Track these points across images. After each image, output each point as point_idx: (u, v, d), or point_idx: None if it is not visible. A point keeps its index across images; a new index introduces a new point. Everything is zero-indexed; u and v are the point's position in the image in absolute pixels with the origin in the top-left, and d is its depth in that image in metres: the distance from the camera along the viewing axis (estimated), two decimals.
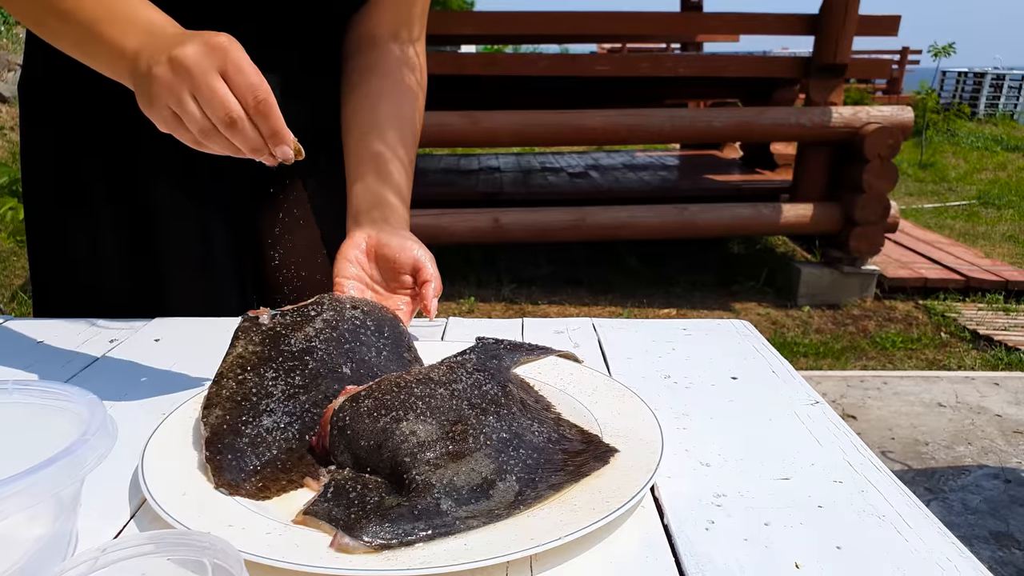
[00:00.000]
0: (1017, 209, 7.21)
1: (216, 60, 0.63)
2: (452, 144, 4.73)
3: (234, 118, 0.63)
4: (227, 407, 0.63)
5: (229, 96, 0.63)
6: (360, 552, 0.49)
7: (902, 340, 4.03)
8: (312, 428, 0.63)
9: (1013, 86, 16.43)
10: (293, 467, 0.61)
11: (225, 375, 0.66)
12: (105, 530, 0.55)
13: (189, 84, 0.63)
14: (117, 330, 0.93)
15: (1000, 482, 2.65)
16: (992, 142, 11.56)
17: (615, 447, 0.62)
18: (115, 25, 0.69)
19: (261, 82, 0.64)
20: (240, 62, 0.64)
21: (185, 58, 0.63)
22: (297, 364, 0.67)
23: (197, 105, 0.64)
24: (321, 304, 0.74)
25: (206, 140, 0.66)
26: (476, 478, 0.56)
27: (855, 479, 0.62)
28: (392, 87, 0.96)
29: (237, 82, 0.63)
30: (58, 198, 0.96)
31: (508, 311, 4.41)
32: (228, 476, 0.58)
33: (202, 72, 0.63)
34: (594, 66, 5.09)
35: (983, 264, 5.02)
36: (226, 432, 0.61)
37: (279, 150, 0.66)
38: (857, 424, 3.06)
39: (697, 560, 0.51)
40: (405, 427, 0.59)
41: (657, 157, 7.31)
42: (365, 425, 0.59)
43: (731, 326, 0.98)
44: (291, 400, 0.65)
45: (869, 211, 4.43)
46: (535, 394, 0.72)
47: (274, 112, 0.64)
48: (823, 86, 4.67)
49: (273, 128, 0.65)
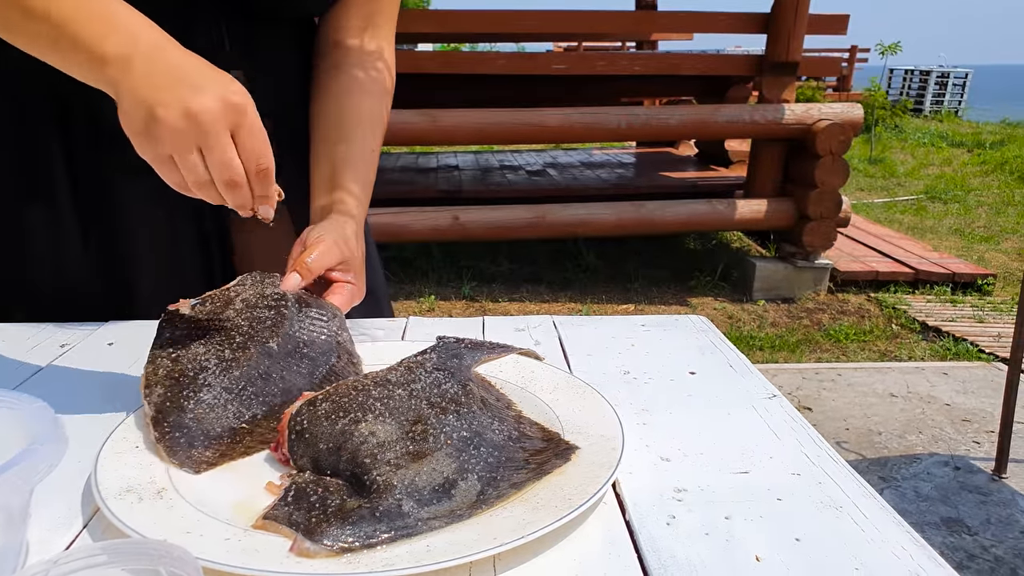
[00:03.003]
0: (962, 203, 7.41)
1: (232, 120, 0.63)
2: (411, 143, 4.70)
3: (237, 182, 0.64)
4: (167, 384, 0.65)
5: (236, 160, 0.63)
6: (321, 556, 0.49)
7: (855, 332, 4.12)
8: (250, 405, 0.65)
9: (957, 84, 16.91)
10: (243, 437, 0.63)
11: (158, 356, 0.67)
12: (56, 541, 0.53)
13: (200, 140, 0.62)
14: (69, 334, 0.91)
15: (950, 469, 2.72)
16: (938, 138, 11.88)
17: (576, 444, 0.63)
18: (90, 25, 0.64)
19: (267, 148, 0.64)
20: (254, 126, 0.64)
21: (203, 113, 0.61)
22: (225, 339, 0.69)
23: (202, 159, 0.63)
24: (243, 284, 0.77)
25: (198, 191, 0.65)
26: (437, 478, 0.55)
27: (812, 471, 0.63)
28: (359, 85, 0.96)
29: (247, 146, 0.63)
30: (18, 193, 0.93)
31: (469, 309, 4.41)
32: (181, 455, 0.60)
33: (216, 132, 0.62)
34: (551, 64, 5.10)
35: (931, 257, 5.15)
36: (170, 410, 0.63)
37: (262, 209, 0.67)
38: (813, 416, 3.12)
39: (659, 555, 0.52)
40: (364, 428, 0.58)
41: (614, 155, 7.36)
42: (323, 428, 0.59)
43: (688, 321, 0.99)
44: (226, 374, 0.66)
45: (821, 206, 4.51)
46: (496, 392, 0.72)
47: (272, 178, 0.65)
48: (776, 84, 4.75)
49: (266, 192, 0.66)
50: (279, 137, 0.97)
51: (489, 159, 7.21)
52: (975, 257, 5.47)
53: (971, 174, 9.06)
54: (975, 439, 2.95)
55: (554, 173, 6.21)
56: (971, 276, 4.83)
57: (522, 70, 4.97)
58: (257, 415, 0.65)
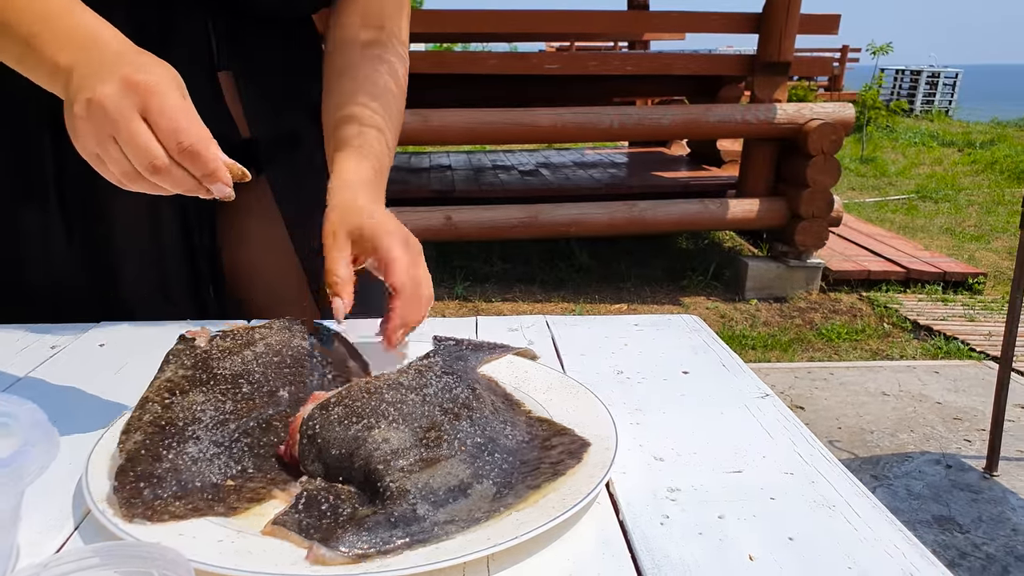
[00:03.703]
0: (953, 203, 7.44)
1: (136, 101, 0.58)
2: (403, 143, 4.67)
3: (158, 165, 0.59)
4: (148, 431, 0.59)
5: (151, 142, 0.58)
6: (337, 563, 0.48)
7: (847, 331, 4.13)
8: (239, 459, 0.59)
9: (947, 83, 16.99)
10: (226, 495, 0.56)
11: (151, 399, 0.62)
12: (47, 544, 0.53)
13: (109, 128, 0.58)
14: (59, 336, 0.90)
15: (942, 467, 2.73)
16: (928, 137, 11.93)
17: (587, 440, 0.62)
18: (53, 40, 0.64)
19: (188, 125, 0.59)
20: (163, 104, 0.59)
21: (103, 99, 0.58)
22: (230, 387, 0.64)
23: (120, 148, 0.59)
24: (271, 327, 0.71)
25: (129, 183, 0.61)
26: (452, 481, 0.55)
27: (805, 470, 0.63)
28: (373, 78, 0.92)
29: (160, 125, 0.58)
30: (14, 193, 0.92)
31: (462, 309, 4.40)
32: (140, 508, 0.52)
33: (121, 115, 0.58)
34: (543, 64, 5.09)
35: (922, 256, 5.17)
36: (143, 458, 0.56)
37: (215, 188, 0.61)
38: (805, 415, 3.13)
39: (653, 555, 0.52)
40: (377, 435, 0.57)
41: (606, 155, 7.36)
42: (336, 433, 0.58)
43: (681, 321, 0.99)
44: (220, 428, 0.60)
45: (813, 206, 4.53)
46: (503, 392, 0.72)
47: (203, 155, 0.59)
48: (768, 83, 4.75)
49: (206, 171, 0.60)
50: (267, 135, 0.96)
51: (482, 159, 7.20)
52: (966, 256, 5.49)
53: (962, 173, 9.10)
54: (966, 437, 2.96)
55: (547, 173, 6.21)
56: (962, 275, 4.85)
57: (514, 70, 4.97)
58: (248, 469, 0.59)
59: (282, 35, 0.99)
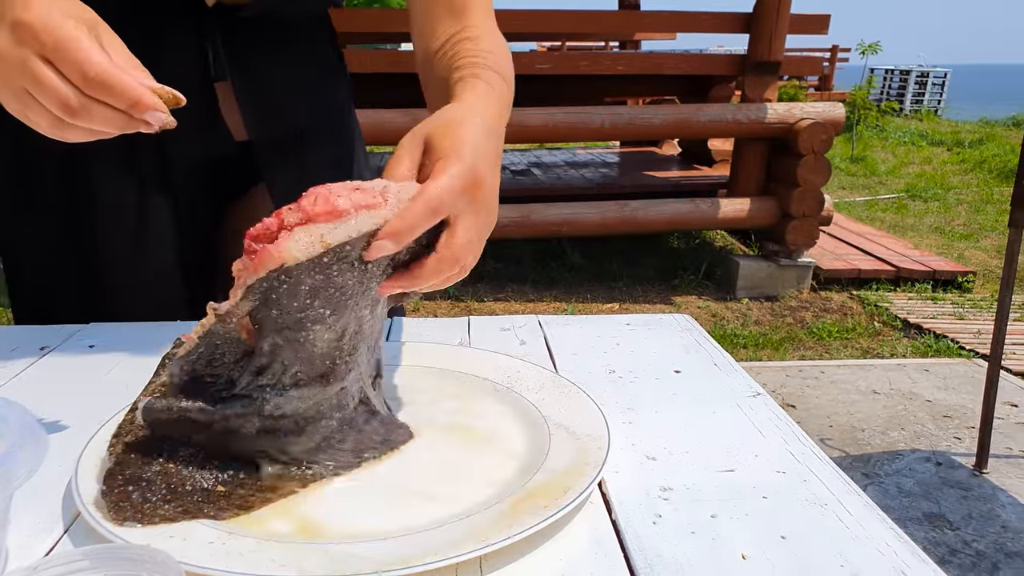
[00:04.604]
0: (942, 202, 7.48)
1: (31, 45, 0.54)
2: (394, 142, 4.66)
3: (72, 106, 0.54)
4: (139, 435, 0.57)
5: (57, 83, 0.54)
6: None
7: (838, 330, 4.15)
8: (229, 464, 0.58)
9: (936, 83, 17.08)
10: (216, 499, 0.55)
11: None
12: (36, 547, 0.52)
13: (16, 79, 0.55)
14: (48, 336, 0.90)
15: (932, 465, 2.75)
16: (918, 137, 11.99)
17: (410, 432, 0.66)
18: None
19: (88, 55, 0.54)
20: (58, 39, 0.54)
21: (1, 52, 0.55)
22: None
23: (35, 99, 0.55)
24: None
25: (58, 132, 0.57)
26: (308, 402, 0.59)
27: (797, 469, 0.63)
28: (473, 79, 0.81)
29: (61, 63, 0.54)
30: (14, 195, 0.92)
31: (454, 309, 4.40)
32: (128, 511, 0.52)
33: (20, 63, 0.54)
34: (534, 64, 5.09)
35: (912, 255, 5.20)
36: (133, 461, 0.55)
37: (150, 117, 0.55)
38: (796, 413, 3.14)
39: (645, 555, 0.52)
40: (320, 332, 0.56)
41: (598, 154, 7.36)
42: (286, 304, 0.54)
43: (673, 320, 0.99)
44: None
45: (804, 205, 4.54)
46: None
47: (114, 83, 0.54)
48: (758, 83, 4.77)
49: (128, 100, 0.54)
50: (265, 138, 0.96)
51: None
52: (955, 255, 5.52)
53: (951, 172, 9.15)
54: (956, 435, 2.98)
55: (538, 172, 6.21)
56: (951, 273, 4.88)
57: None
58: (239, 474, 0.58)
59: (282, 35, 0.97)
